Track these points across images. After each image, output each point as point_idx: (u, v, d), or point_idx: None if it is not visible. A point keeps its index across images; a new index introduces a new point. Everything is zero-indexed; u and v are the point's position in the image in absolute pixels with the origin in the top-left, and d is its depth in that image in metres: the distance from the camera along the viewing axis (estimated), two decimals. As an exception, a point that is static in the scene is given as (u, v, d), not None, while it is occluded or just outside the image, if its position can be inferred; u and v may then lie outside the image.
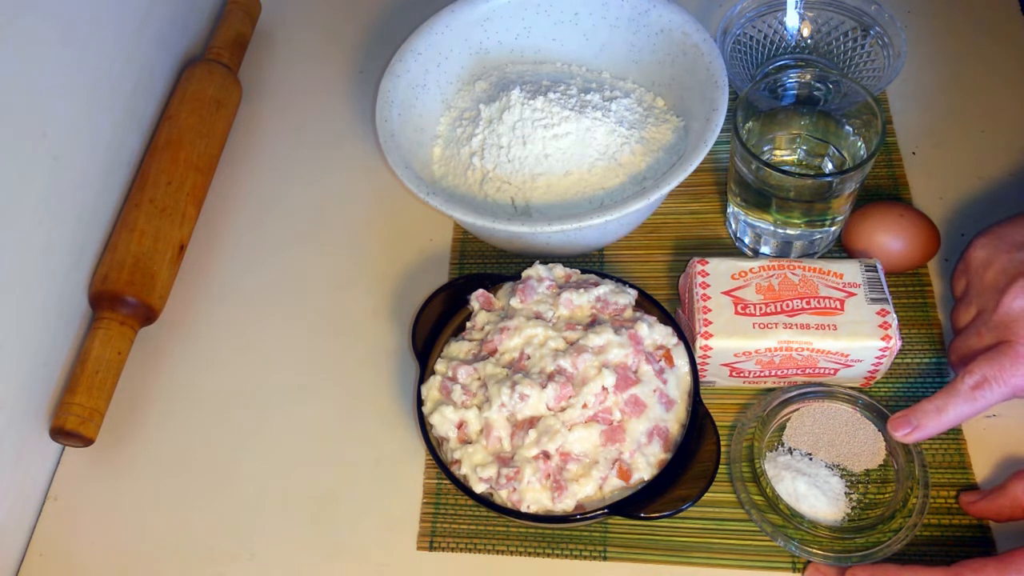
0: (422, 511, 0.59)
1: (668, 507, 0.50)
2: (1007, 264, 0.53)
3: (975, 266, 0.55)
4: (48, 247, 0.62)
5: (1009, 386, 0.51)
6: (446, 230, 0.71)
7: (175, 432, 0.64)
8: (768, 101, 0.62)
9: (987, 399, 0.51)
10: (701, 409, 0.54)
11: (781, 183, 0.57)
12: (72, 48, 0.65)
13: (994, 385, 0.51)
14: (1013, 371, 0.51)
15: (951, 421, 0.52)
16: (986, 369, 0.51)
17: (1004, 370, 0.51)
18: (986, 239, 0.55)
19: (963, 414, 0.52)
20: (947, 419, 0.52)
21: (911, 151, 0.70)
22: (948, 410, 0.52)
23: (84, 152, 0.66)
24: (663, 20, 0.67)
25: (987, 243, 0.55)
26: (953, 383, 0.52)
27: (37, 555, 0.60)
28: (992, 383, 0.51)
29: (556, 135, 0.64)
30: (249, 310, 0.69)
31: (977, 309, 0.54)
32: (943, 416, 0.52)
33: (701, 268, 0.57)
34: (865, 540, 0.53)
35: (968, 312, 0.55)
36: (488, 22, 0.71)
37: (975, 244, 0.56)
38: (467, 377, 0.55)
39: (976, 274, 0.55)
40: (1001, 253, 0.54)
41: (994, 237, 0.55)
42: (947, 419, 0.52)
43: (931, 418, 0.52)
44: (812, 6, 0.72)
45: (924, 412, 0.53)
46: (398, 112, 0.66)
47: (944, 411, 0.52)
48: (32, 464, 0.62)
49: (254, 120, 0.80)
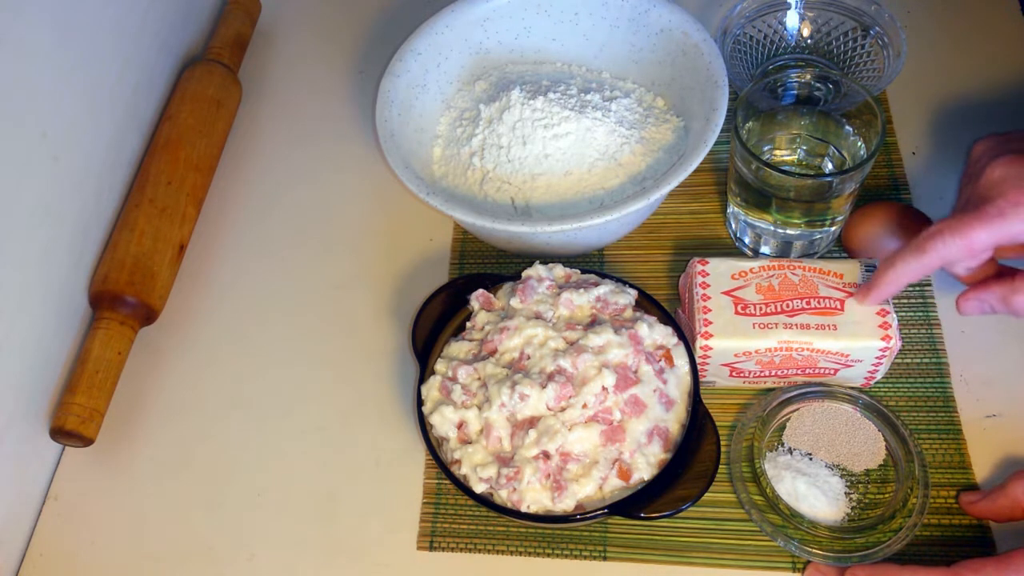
0: (422, 511, 0.59)
1: (668, 507, 0.50)
2: (1000, 150, 0.50)
3: (972, 159, 0.53)
4: (48, 247, 0.62)
5: (965, 239, 0.48)
6: (446, 230, 0.71)
7: (175, 432, 0.64)
8: (768, 101, 0.62)
9: (938, 251, 0.48)
10: (701, 409, 0.54)
11: (781, 183, 0.57)
12: (72, 48, 0.65)
13: (947, 237, 0.48)
14: (970, 223, 0.47)
15: (901, 275, 0.50)
16: (944, 223, 0.48)
17: (963, 223, 0.48)
18: (988, 137, 0.53)
19: (912, 266, 0.50)
20: (896, 272, 0.50)
21: (911, 151, 0.70)
22: (896, 263, 0.50)
23: (84, 152, 0.66)
24: (663, 20, 0.67)
25: (988, 140, 0.53)
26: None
27: (37, 555, 0.60)
28: (946, 234, 0.48)
29: (556, 135, 0.64)
30: (249, 310, 0.69)
31: (965, 196, 0.51)
32: (891, 270, 0.50)
33: (701, 268, 0.57)
34: (865, 540, 0.53)
35: (960, 202, 0.52)
36: (488, 22, 0.71)
37: (977, 142, 0.53)
38: (467, 377, 0.55)
39: (971, 165, 0.52)
40: (998, 149, 0.51)
41: (996, 138, 0.53)
42: (896, 272, 0.50)
43: (880, 274, 0.51)
44: (812, 6, 0.72)
45: (876, 271, 0.51)
46: (398, 112, 0.66)
47: (892, 264, 0.50)
48: (32, 464, 0.62)
49: (254, 120, 0.80)
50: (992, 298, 0.53)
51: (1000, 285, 0.52)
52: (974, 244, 0.48)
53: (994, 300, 0.53)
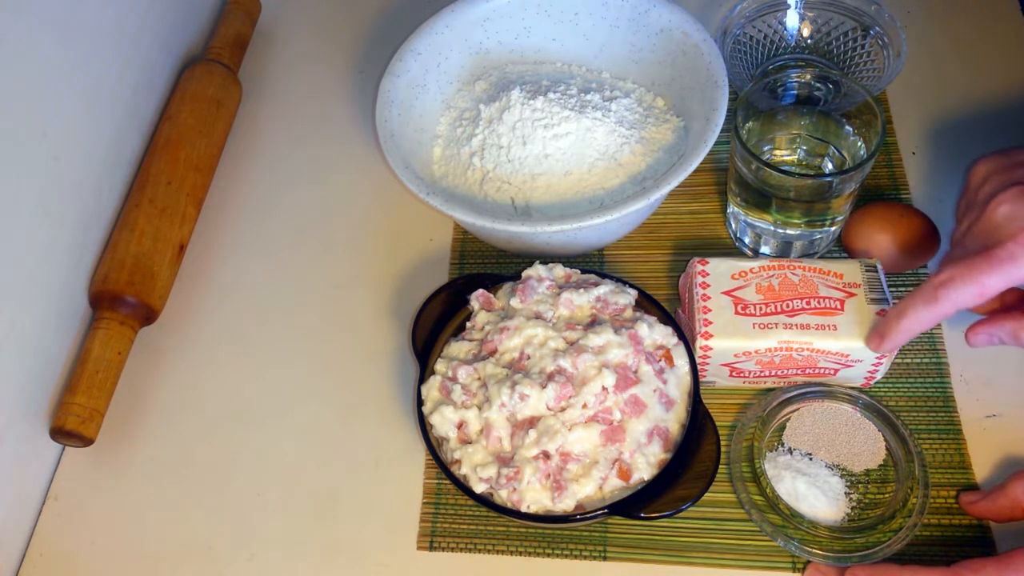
0: (422, 511, 0.59)
1: (668, 507, 0.50)
2: (1003, 179, 0.50)
3: (973, 185, 0.52)
4: (48, 247, 0.62)
5: (978, 284, 0.47)
6: (446, 230, 0.71)
7: (175, 432, 0.64)
8: (768, 101, 0.62)
9: (951, 299, 0.48)
10: (701, 409, 0.54)
11: (781, 183, 0.57)
12: (72, 48, 0.65)
13: (959, 284, 0.47)
14: (982, 268, 0.47)
15: (913, 323, 0.50)
16: (953, 269, 0.48)
17: (973, 269, 0.47)
18: (988, 159, 0.53)
19: (923, 316, 0.49)
20: (908, 321, 0.50)
21: (911, 151, 0.70)
22: (909, 311, 0.50)
23: (84, 152, 0.66)
24: (663, 20, 0.67)
25: (988, 162, 0.52)
26: (921, 285, 0.49)
27: (37, 555, 0.60)
28: (958, 281, 0.47)
29: (556, 135, 0.64)
30: (249, 310, 0.69)
31: (967, 224, 0.51)
32: (904, 319, 0.50)
33: (701, 268, 0.57)
34: (865, 540, 0.53)
35: (960, 229, 0.52)
36: (488, 22, 0.71)
37: (977, 163, 0.53)
38: (467, 377, 0.55)
39: (973, 191, 0.52)
40: (999, 171, 0.51)
41: (996, 157, 0.52)
42: (908, 321, 0.50)
43: (893, 323, 0.50)
44: (812, 6, 0.72)
45: (886, 319, 0.51)
46: (398, 112, 0.66)
47: (904, 313, 0.50)
48: (32, 464, 0.62)
49: (254, 120, 0.80)
50: (1002, 333, 0.53)
51: (1011, 320, 0.53)
52: (987, 292, 0.47)
53: (1004, 335, 0.53)
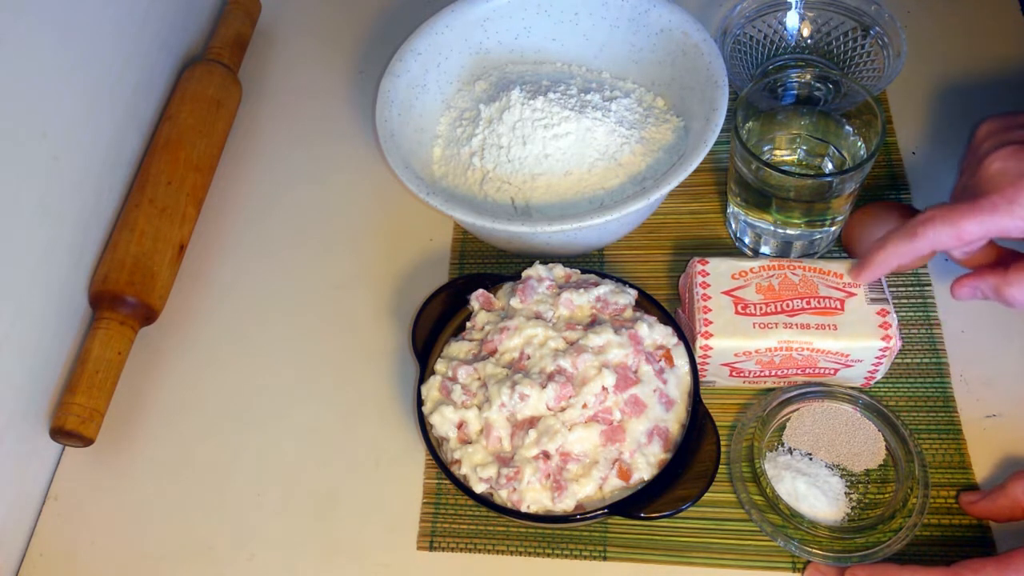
0: (422, 511, 0.59)
1: (668, 507, 0.50)
2: (1002, 138, 0.51)
3: (975, 143, 0.53)
4: (48, 247, 0.62)
5: (956, 227, 0.49)
6: (446, 230, 0.71)
7: (175, 432, 0.64)
8: (768, 101, 0.62)
9: (928, 236, 0.49)
10: (701, 409, 0.54)
11: (781, 183, 0.57)
12: (72, 48, 0.65)
13: (939, 224, 0.49)
14: (963, 213, 0.48)
15: (891, 256, 0.52)
16: (938, 210, 0.50)
17: (955, 213, 0.49)
18: (993, 119, 0.53)
19: (902, 249, 0.51)
20: (886, 254, 0.52)
21: (911, 151, 0.70)
22: (887, 244, 0.51)
23: (84, 152, 0.66)
24: (663, 20, 0.67)
25: (991, 122, 0.53)
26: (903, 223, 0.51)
27: (37, 555, 0.60)
28: (938, 221, 0.49)
29: (556, 135, 0.64)
30: (249, 310, 0.69)
31: (964, 180, 0.52)
32: (882, 251, 0.52)
33: (701, 268, 0.57)
34: (865, 540, 0.53)
35: (958, 186, 0.53)
36: (488, 22, 0.71)
37: (981, 123, 0.54)
38: (467, 377, 0.55)
39: (974, 149, 0.53)
40: (1001, 131, 0.52)
41: (1000, 117, 0.53)
42: (886, 254, 0.52)
43: (873, 253, 0.52)
44: (812, 6, 0.72)
45: (869, 251, 0.53)
46: (398, 112, 0.66)
47: (883, 246, 0.52)
48: (32, 464, 0.62)
49: (254, 120, 0.80)
50: (985, 286, 0.53)
51: (994, 275, 0.53)
52: (963, 235, 0.49)
53: (987, 288, 0.53)
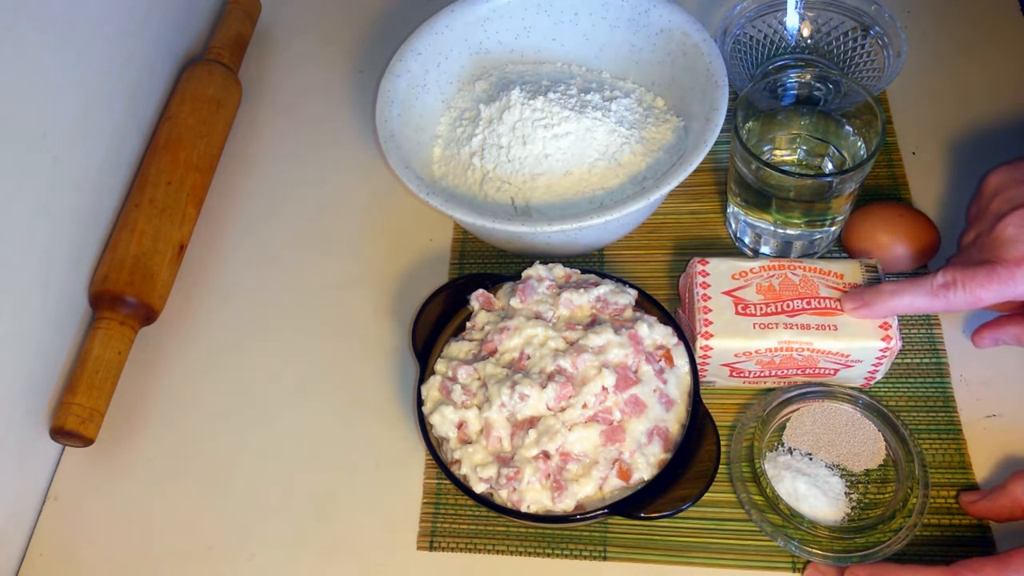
0: (422, 511, 0.59)
1: (668, 507, 0.50)
2: (1015, 194, 0.53)
3: (986, 193, 0.55)
4: (48, 247, 0.62)
5: (974, 296, 0.51)
6: (446, 230, 0.71)
7: (175, 432, 0.64)
8: (768, 101, 0.62)
9: (948, 300, 0.51)
10: (701, 409, 0.54)
11: (781, 183, 0.57)
12: (72, 48, 0.65)
13: (959, 289, 0.51)
14: (981, 282, 0.50)
15: (904, 307, 0.53)
16: (959, 273, 0.51)
17: (974, 279, 0.51)
18: (1004, 169, 0.55)
19: (918, 305, 0.52)
20: (900, 304, 0.52)
21: (911, 151, 0.70)
22: (904, 296, 0.52)
23: (84, 152, 0.66)
24: (663, 20, 0.67)
25: (1003, 172, 0.55)
26: (922, 277, 0.52)
27: (37, 555, 0.60)
28: (959, 287, 0.51)
29: (556, 135, 0.64)
30: (249, 310, 0.69)
31: (976, 233, 0.54)
32: (896, 299, 0.52)
33: (701, 268, 0.57)
34: (865, 540, 0.53)
35: (969, 236, 0.55)
36: (488, 22, 0.71)
37: (992, 172, 0.55)
38: (467, 377, 0.55)
39: (985, 200, 0.55)
40: (1013, 184, 0.53)
41: (1012, 168, 0.54)
42: (900, 304, 0.52)
43: (884, 299, 0.53)
44: (812, 6, 0.72)
45: (878, 292, 0.53)
46: (398, 112, 0.66)
47: (899, 295, 0.52)
48: (32, 464, 0.62)
49: (254, 120, 0.80)
50: (1006, 336, 0.57)
51: (1015, 325, 0.56)
52: (980, 303, 0.51)
53: (1008, 339, 0.57)
